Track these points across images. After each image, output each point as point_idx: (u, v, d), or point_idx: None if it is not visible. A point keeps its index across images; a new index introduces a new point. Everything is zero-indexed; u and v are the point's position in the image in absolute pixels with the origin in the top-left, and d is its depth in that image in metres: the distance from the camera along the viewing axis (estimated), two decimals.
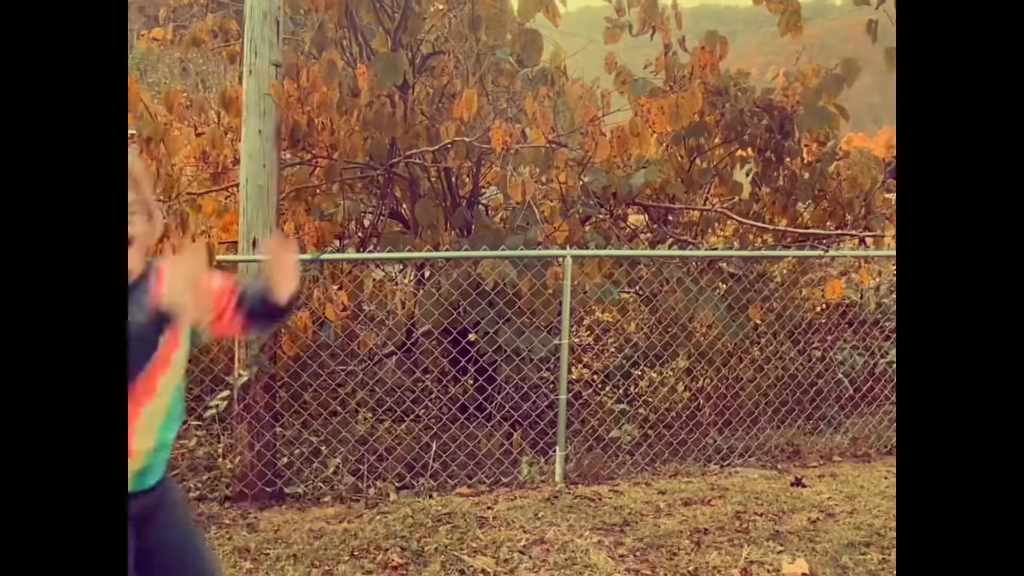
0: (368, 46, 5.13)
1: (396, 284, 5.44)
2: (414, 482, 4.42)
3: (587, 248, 4.77)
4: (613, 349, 5.48)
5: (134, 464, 1.80)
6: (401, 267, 5.56)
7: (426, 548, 3.56)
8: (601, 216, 5.33)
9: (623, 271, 4.90)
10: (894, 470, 4.90)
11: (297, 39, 5.22)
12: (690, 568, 3.40)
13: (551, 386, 4.96)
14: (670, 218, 5.67)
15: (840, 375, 5.50)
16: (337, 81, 4.52)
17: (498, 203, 5.63)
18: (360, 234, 5.52)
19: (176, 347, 1.87)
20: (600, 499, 4.21)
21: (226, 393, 4.19)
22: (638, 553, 3.54)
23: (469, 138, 4.37)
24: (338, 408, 4.58)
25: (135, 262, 1.80)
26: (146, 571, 1.89)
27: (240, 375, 4.16)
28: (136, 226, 1.76)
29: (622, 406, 5.06)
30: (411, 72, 4.80)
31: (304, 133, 4.46)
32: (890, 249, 5.30)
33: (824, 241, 5.28)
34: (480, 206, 5.77)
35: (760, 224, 5.40)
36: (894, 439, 5.36)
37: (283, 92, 4.20)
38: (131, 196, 1.74)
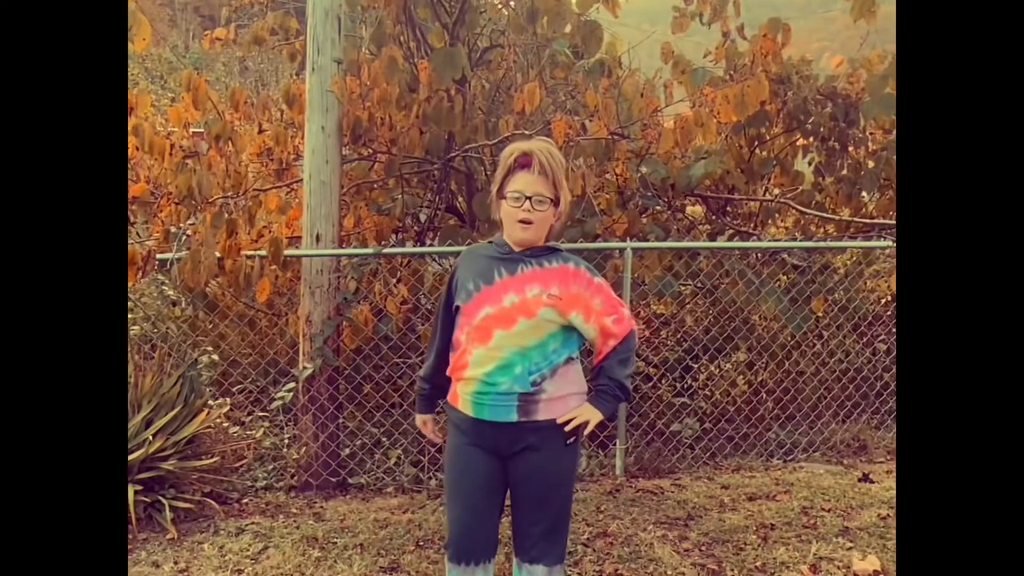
0: (425, 41, 5.17)
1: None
2: None
3: (646, 240, 4.75)
4: (672, 342, 5.43)
5: (467, 388, 2.32)
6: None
7: None
8: (659, 208, 5.29)
9: (683, 263, 4.86)
10: None
11: (355, 36, 5.29)
12: (758, 563, 3.37)
13: None
14: (729, 209, 5.60)
15: None
16: (397, 77, 4.56)
17: None
18: (416, 228, 5.57)
19: (526, 314, 2.26)
20: (662, 493, 4.19)
21: (292, 385, 4.28)
22: (703, 548, 3.53)
23: (530, 132, 4.37)
24: (399, 400, 4.63)
25: (536, 235, 2.30)
26: (514, 500, 2.38)
27: (305, 367, 4.25)
28: (544, 211, 2.26)
29: (682, 399, 5.02)
30: (469, 66, 4.82)
31: (365, 129, 4.52)
32: None
33: (890, 231, 5.16)
34: None
35: (823, 214, 5.30)
36: None
37: (345, 88, 4.27)
38: (543, 184, 2.26)
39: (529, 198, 2.25)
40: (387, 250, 4.40)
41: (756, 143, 5.25)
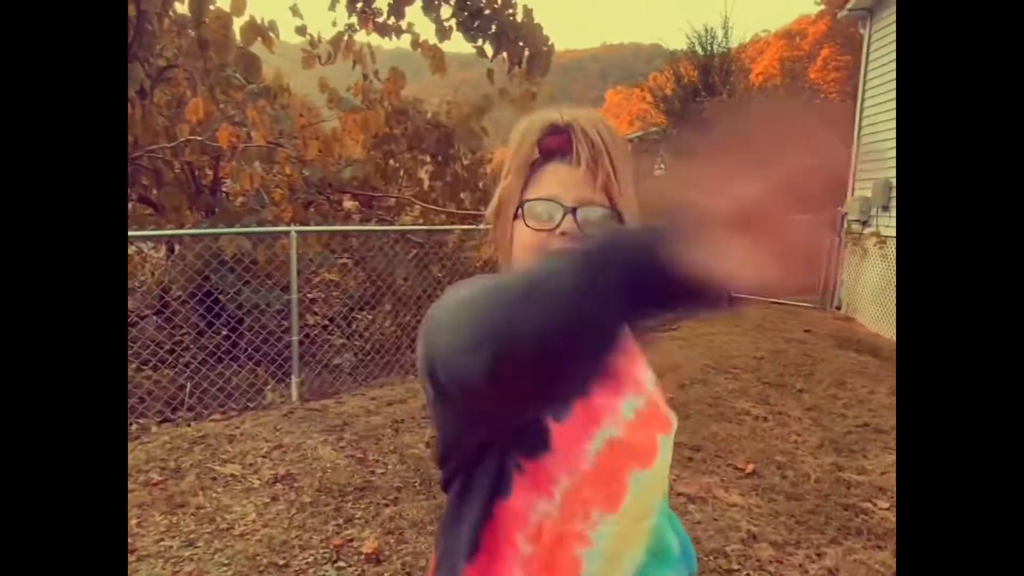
0: None
1: (148, 258, 4.74)
2: (173, 417, 3.95)
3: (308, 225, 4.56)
4: (338, 301, 5.32)
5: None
6: (153, 244, 4.83)
7: (183, 465, 3.24)
8: (321, 200, 5.11)
9: (338, 242, 4.76)
10: None
11: None
12: (391, 447, 3.48)
13: (288, 330, 4.70)
14: (374, 203, 5.62)
15: None
16: None
17: (237, 191, 5.13)
18: None
19: (664, 428, 0.76)
20: (326, 410, 4.12)
21: None
22: (354, 443, 3.55)
23: (201, 137, 3.89)
24: None
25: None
26: None
27: None
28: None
29: (343, 341, 4.97)
30: (148, 82, 4.13)
31: None
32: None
33: (478, 220, 5.60)
34: (223, 193, 5.23)
35: (437, 208, 5.57)
36: None
37: None
38: (593, 184, 0.71)
39: (572, 210, 0.70)
40: None
41: (389, 156, 5.31)
